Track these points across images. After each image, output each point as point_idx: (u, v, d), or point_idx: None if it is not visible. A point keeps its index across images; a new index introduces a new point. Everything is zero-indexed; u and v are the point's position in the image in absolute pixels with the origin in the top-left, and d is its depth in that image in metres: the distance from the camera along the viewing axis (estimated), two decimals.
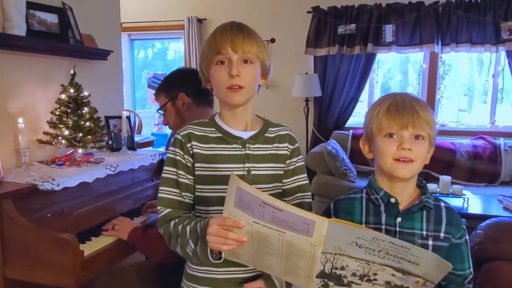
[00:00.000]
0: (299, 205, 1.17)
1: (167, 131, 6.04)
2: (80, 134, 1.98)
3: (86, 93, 2.05)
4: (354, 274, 0.92)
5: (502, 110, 4.46)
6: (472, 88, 4.91)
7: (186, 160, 1.13)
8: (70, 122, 1.97)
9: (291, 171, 1.20)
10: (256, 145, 1.14)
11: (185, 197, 1.14)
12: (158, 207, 1.14)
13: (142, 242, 1.60)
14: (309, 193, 1.23)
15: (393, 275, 0.89)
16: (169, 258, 1.57)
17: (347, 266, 0.91)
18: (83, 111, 2.01)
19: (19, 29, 1.85)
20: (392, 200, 1.08)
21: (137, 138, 3.21)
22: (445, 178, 3.16)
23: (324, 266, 0.91)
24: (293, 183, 1.20)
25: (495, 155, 3.95)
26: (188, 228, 1.05)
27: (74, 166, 1.91)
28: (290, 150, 1.19)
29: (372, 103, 1.16)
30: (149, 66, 6.59)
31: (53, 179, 1.65)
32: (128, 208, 2.01)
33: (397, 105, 1.06)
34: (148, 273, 1.73)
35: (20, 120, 1.78)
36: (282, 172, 1.18)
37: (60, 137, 1.98)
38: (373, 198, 1.11)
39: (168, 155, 1.16)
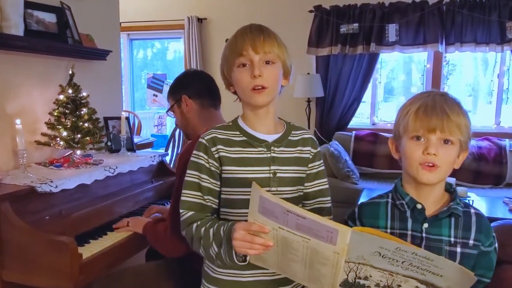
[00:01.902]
0: (319, 210, 1.20)
1: (167, 132, 6.04)
2: (79, 135, 1.98)
3: (84, 94, 2.05)
4: (377, 285, 0.91)
5: (508, 110, 4.45)
6: (477, 89, 4.89)
7: (210, 164, 1.14)
8: (69, 123, 1.97)
9: (313, 175, 1.22)
10: (281, 148, 1.16)
11: (207, 200, 1.15)
12: (181, 210, 1.15)
13: (150, 234, 1.67)
14: (329, 198, 1.25)
15: (417, 287, 0.89)
16: (173, 252, 1.59)
17: (370, 276, 0.91)
18: (82, 112, 2.01)
19: (16, 28, 1.85)
20: (419, 206, 1.07)
21: (136, 140, 3.22)
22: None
23: (347, 275, 0.92)
24: (314, 187, 1.22)
25: (501, 156, 3.94)
26: (211, 231, 1.06)
27: (73, 167, 1.91)
28: (312, 154, 1.22)
29: (374, 103, 1.16)
30: (148, 66, 6.59)
31: (51, 181, 1.66)
32: (128, 210, 2.01)
33: (427, 107, 1.03)
34: (147, 276, 1.73)
35: (18, 121, 1.78)
36: (304, 175, 1.20)
37: (58, 138, 1.98)
38: (399, 204, 1.09)
39: (192, 158, 1.17)
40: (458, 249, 1.04)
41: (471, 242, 1.05)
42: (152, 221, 1.73)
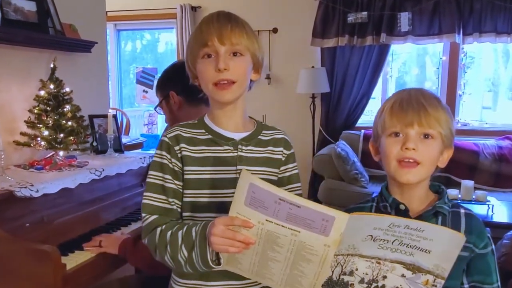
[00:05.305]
0: None
1: (158, 131, 6.04)
2: (61, 135, 1.99)
3: (67, 89, 2.06)
4: (362, 281, 0.96)
5: None
6: (497, 83, 4.91)
7: (174, 164, 1.14)
8: (50, 122, 1.98)
9: (286, 179, 1.22)
10: (249, 147, 1.17)
11: (173, 203, 1.14)
12: (143, 215, 1.14)
13: (132, 254, 1.61)
14: None
15: (403, 275, 0.93)
16: (160, 270, 1.58)
17: (356, 270, 0.95)
18: (65, 109, 2.02)
19: None
20: (401, 207, 1.10)
21: (124, 140, 3.21)
22: (467, 183, 3.16)
23: (333, 272, 0.95)
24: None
25: None
26: (179, 233, 1.05)
27: (55, 170, 1.92)
28: (285, 156, 1.22)
29: (384, 99, 1.19)
30: (137, 60, 6.59)
31: (32, 185, 1.66)
32: (115, 216, 2.02)
33: (402, 101, 1.08)
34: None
35: None
36: (275, 178, 1.20)
37: (39, 138, 1.98)
38: (381, 206, 1.13)
39: (154, 158, 1.18)
40: None
41: None
42: (130, 239, 1.67)
